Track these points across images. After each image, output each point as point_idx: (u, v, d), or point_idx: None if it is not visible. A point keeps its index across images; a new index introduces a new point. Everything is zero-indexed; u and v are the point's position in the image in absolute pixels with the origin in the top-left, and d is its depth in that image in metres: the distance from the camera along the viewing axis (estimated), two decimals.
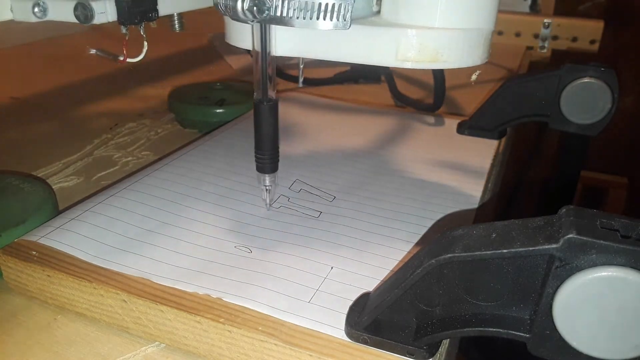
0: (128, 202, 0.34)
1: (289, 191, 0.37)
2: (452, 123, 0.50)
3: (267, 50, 0.28)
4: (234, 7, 0.26)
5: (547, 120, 0.44)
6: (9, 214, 0.32)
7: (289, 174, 0.39)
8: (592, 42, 0.83)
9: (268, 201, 0.34)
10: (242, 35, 0.30)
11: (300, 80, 0.30)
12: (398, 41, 0.27)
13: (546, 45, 0.85)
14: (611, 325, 0.18)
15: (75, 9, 0.32)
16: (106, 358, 0.25)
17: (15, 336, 0.26)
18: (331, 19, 0.26)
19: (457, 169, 0.41)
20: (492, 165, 0.42)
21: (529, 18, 0.86)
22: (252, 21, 0.26)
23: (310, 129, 0.49)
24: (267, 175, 0.32)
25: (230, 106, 0.52)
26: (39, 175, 0.42)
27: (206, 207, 0.34)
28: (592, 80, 0.42)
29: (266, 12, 0.26)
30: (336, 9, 0.26)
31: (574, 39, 0.84)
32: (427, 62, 0.27)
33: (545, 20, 0.84)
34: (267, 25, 0.28)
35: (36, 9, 0.33)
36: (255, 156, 0.31)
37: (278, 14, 0.26)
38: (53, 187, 0.39)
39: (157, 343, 0.27)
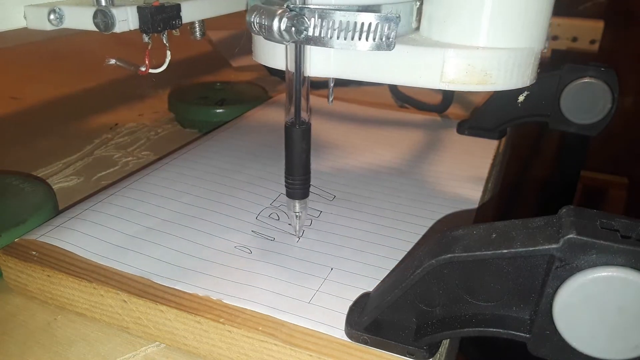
0: (129, 200, 0.34)
1: None
2: (452, 123, 0.50)
3: (302, 71, 0.26)
4: (270, 27, 0.23)
5: (547, 120, 0.44)
6: (9, 214, 0.32)
7: None
8: (592, 42, 0.83)
9: (298, 228, 0.31)
10: (273, 54, 0.28)
11: (330, 99, 0.28)
12: (442, 62, 0.25)
13: (546, 45, 0.84)
14: (611, 325, 0.18)
15: (95, 16, 0.30)
16: (106, 358, 0.25)
17: (15, 336, 0.26)
18: (373, 40, 0.24)
19: (457, 169, 0.41)
20: (492, 165, 0.42)
21: None
22: (288, 41, 0.24)
23: (312, 129, 0.49)
24: (297, 201, 0.30)
25: (230, 106, 0.52)
26: (39, 175, 0.42)
27: (207, 205, 0.34)
28: (592, 80, 0.42)
29: (304, 32, 0.24)
30: (379, 29, 0.23)
31: (574, 39, 0.84)
32: (474, 84, 0.25)
33: None
34: (303, 45, 0.25)
35: (52, 16, 0.30)
36: (286, 181, 0.29)
37: (316, 34, 0.24)
38: (53, 187, 0.39)
39: (157, 343, 0.27)
